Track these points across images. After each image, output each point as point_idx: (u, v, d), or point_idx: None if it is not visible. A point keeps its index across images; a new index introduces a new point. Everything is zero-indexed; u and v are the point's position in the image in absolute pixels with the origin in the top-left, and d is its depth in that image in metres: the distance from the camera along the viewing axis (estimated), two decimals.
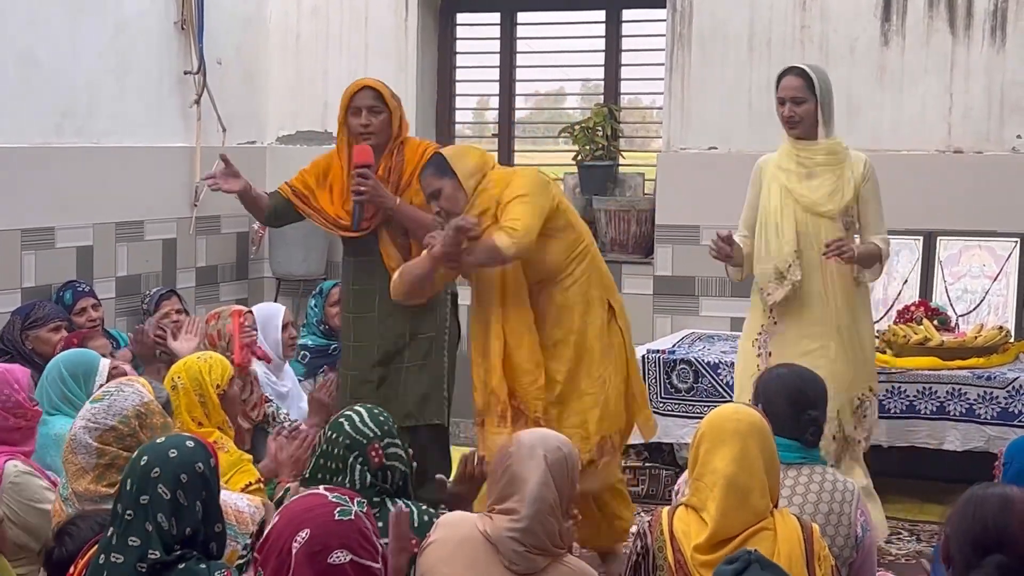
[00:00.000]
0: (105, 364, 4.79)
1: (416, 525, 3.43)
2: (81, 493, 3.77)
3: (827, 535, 3.71)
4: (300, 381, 6.46)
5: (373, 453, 3.49)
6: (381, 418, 3.57)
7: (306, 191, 5.69)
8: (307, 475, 3.55)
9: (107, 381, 4.49)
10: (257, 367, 5.92)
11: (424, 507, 3.58)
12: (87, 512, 3.57)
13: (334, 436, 3.53)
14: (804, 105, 5.46)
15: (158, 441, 3.20)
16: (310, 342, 6.69)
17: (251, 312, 5.95)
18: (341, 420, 3.57)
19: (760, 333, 5.52)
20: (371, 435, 3.51)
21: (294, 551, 2.72)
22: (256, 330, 5.87)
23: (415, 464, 3.70)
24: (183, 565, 3.04)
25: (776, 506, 3.48)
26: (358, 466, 3.48)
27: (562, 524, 3.34)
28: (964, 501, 3.03)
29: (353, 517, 2.77)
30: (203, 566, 3.06)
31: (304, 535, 2.73)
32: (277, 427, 5.59)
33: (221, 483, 3.28)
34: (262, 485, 4.52)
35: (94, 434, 3.80)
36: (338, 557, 2.71)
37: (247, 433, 5.35)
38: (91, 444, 3.78)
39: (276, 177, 8.11)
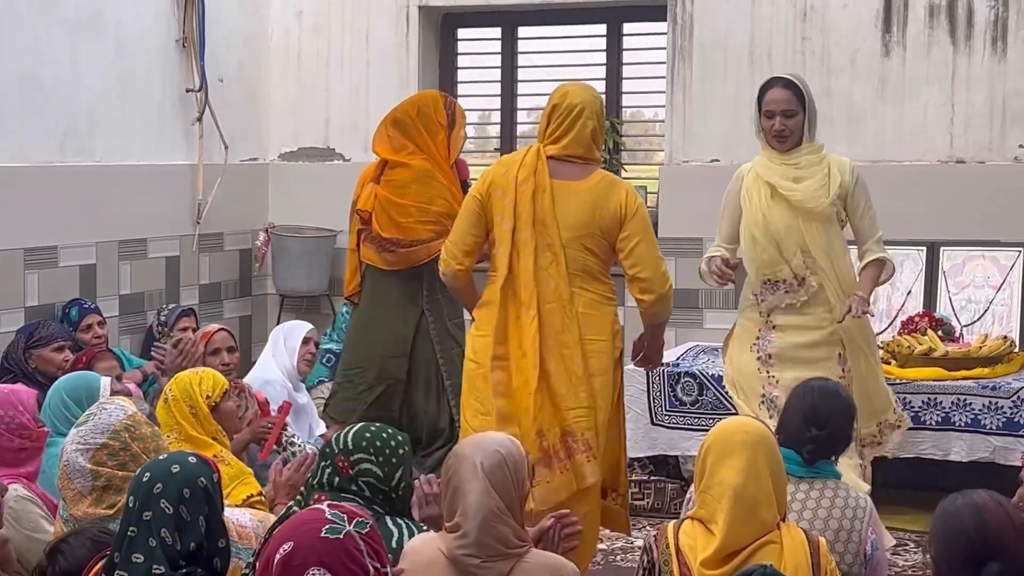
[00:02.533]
0: (106, 383, 4.79)
1: (404, 546, 3.43)
2: (80, 518, 3.75)
3: (836, 551, 3.68)
4: (324, 382, 6.56)
5: (340, 464, 3.53)
6: (367, 435, 3.57)
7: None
8: (310, 479, 3.63)
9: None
10: (278, 377, 5.96)
11: (424, 528, 3.58)
12: (79, 530, 3.56)
13: (325, 442, 3.65)
14: (795, 118, 5.35)
15: (161, 458, 3.21)
16: (335, 347, 6.75)
17: (224, 329, 5.97)
18: (339, 429, 3.66)
19: (758, 339, 5.49)
20: (341, 448, 3.55)
21: (275, 562, 2.72)
22: (227, 363, 5.86)
23: (415, 483, 3.70)
24: None
25: (784, 519, 3.47)
26: (327, 471, 3.54)
27: (514, 525, 3.31)
28: (939, 520, 3.03)
29: (342, 536, 2.74)
30: None
31: (287, 547, 2.72)
32: (280, 457, 5.67)
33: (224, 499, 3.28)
34: (263, 498, 4.52)
35: (87, 455, 3.79)
36: (314, 574, 2.69)
37: (243, 452, 5.36)
38: (85, 467, 3.77)
39: (279, 194, 8.18)
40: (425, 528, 3.58)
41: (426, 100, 5.94)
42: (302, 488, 3.65)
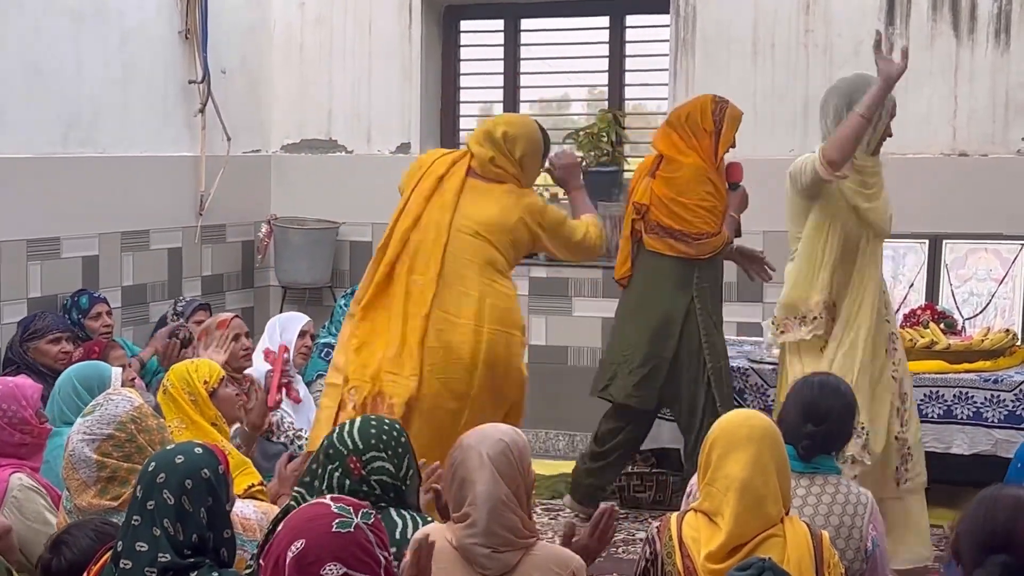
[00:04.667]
0: (117, 372, 4.80)
1: (409, 537, 3.41)
2: (85, 508, 3.75)
3: (836, 547, 3.65)
4: (322, 376, 6.58)
5: (352, 465, 3.42)
6: (372, 430, 3.48)
7: None
8: (304, 478, 3.54)
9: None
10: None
11: (428, 519, 3.56)
12: (82, 522, 3.56)
13: (324, 443, 3.51)
14: None
15: (168, 448, 3.22)
16: (333, 340, 6.76)
17: (236, 316, 5.99)
18: (335, 429, 3.55)
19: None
20: (351, 448, 3.43)
21: (287, 560, 2.71)
22: (247, 348, 5.87)
23: (420, 476, 3.68)
24: (195, 573, 3.04)
25: (787, 513, 3.47)
26: (336, 475, 3.41)
27: (522, 515, 3.30)
28: (978, 501, 3.03)
29: (352, 530, 2.73)
30: (215, 574, 3.06)
31: (299, 545, 2.71)
32: (287, 442, 5.67)
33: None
34: (264, 488, 4.52)
35: (92, 446, 3.78)
36: (331, 570, 2.68)
37: (253, 441, 5.36)
38: (91, 457, 3.77)
39: (281, 185, 8.18)
40: (431, 519, 3.57)
41: (696, 106, 6.11)
42: (300, 490, 3.52)
